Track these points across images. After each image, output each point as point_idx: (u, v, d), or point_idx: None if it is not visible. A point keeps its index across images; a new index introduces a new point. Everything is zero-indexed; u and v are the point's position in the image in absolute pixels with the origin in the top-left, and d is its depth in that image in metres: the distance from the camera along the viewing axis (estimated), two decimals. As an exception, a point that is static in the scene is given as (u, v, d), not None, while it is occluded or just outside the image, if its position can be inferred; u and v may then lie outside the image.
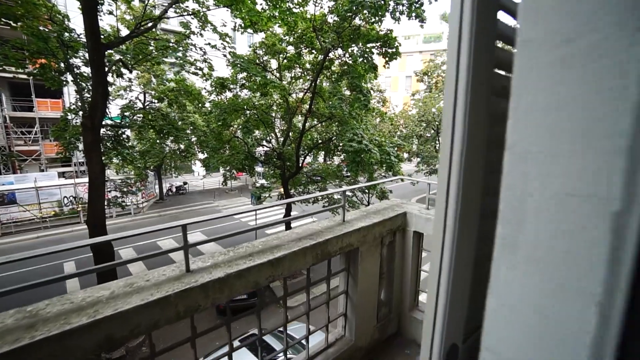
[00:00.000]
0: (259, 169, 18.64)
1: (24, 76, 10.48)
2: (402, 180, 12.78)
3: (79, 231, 18.59)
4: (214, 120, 11.35)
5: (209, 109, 11.95)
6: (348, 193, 14.62)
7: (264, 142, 14.53)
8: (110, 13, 9.69)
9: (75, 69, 9.81)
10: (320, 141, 12.82)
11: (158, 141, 19.82)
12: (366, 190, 15.03)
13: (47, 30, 9.27)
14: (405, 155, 11.34)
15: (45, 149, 24.98)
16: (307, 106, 11.70)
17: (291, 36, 11.48)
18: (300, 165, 11.48)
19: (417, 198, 26.81)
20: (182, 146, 21.33)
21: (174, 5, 9.27)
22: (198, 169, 39.86)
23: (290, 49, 12.18)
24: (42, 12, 8.98)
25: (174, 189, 29.85)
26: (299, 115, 15.24)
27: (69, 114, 10.71)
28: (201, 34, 10.58)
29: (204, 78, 11.59)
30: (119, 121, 10.95)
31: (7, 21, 8.28)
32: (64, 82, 10.53)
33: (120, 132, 11.05)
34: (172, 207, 24.85)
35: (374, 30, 9.81)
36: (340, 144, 11.33)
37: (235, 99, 11.62)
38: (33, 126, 25.08)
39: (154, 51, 10.39)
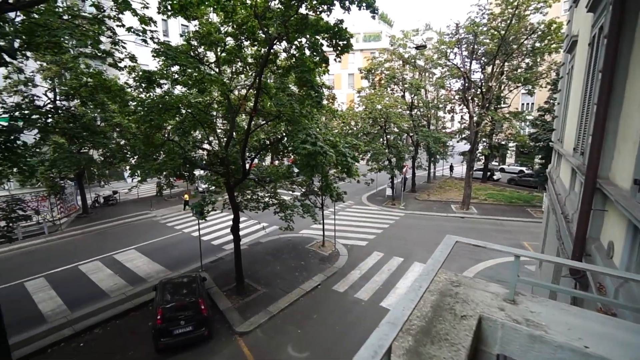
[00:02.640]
0: (198, 172, 16.80)
1: None
2: (357, 181, 12.19)
3: (-30, 261, 14.96)
4: (140, 121, 9.49)
5: (133, 107, 10.02)
6: (299, 196, 13.72)
7: (205, 145, 12.89)
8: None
9: None
10: (268, 142, 11.67)
11: (73, 147, 16.81)
12: (319, 193, 14.27)
13: None
14: (358, 154, 10.82)
15: None
16: (252, 104, 10.46)
17: (229, 25, 10.14)
18: (247, 169, 10.22)
19: (368, 194, 26.98)
20: (105, 151, 18.42)
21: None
22: (127, 175, 35.65)
23: (230, 41, 10.82)
24: None
25: (102, 200, 26.06)
26: (242, 114, 13.85)
27: None
28: (118, 18, 8.74)
29: (126, 71, 9.70)
30: (5, 123, 8.56)
31: None
32: None
33: (12, 137, 8.68)
34: (99, 221, 21.51)
35: (322, 20, 8.97)
36: (291, 146, 10.34)
37: (166, 96, 9.90)
38: None
39: (54, 34, 8.23)
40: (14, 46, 7.72)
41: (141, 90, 10.32)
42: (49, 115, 10.54)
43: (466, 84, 21.89)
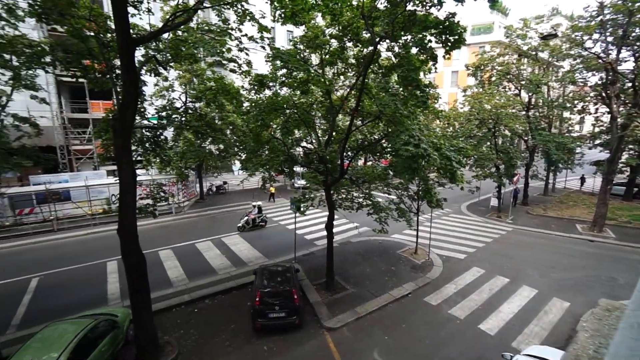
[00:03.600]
0: (297, 169, 17.86)
1: (82, 80, 10.55)
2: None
3: (125, 229, 19.12)
4: (252, 120, 10.63)
5: (247, 108, 11.26)
6: (395, 199, 13.26)
7: (304, 143, 13.60)
8: (149, 10, 9.25)
9: (115, 70, 9.55)
10: (366, 142, 11.60)
11: (198, 142, 19.83)
12: (415, 197, 13.55)
13: (88, 31, 9.05)
14: (464, 159, 9.74)
15: (96, 148, 26.33)
16: (352, 104, 10.52)
17: (335, 27, 10.41)
18: (344, 169, 10.36)
19: (468, 203, 24.53)
20: (221, 146, 21.22)
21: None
22: (237, 168, 40.38)
23: (333, 43, 11.14)
24: (83, 12, 8.75)
25: (214, 189, 30.19)
26: (341, 114, 14.13)
27: (110, 115, 10.57)
28: (239, 29, 9.87)
29: (243, 75, 10.92)
30: (154, 122, 10.58)
31: (49, 18, 8.15)
32: (107, 84, 10.39)
33: (158, 133, 10.71)
34: (211, 206, 24.99)
35: (431, 15, 8.41)
36: (389, 147, 10.05)
37: (275, 98, 10.81)
38: (87, 126, 26.58)
39: (191, 47, 9.85)
40: (166, 59, 9.45)
41: (253, 92, 11.47)
42: (183, 115, 12.60)
43: (609, 77, 17.78)
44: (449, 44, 8.15)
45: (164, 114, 10.54)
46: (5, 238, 17.72)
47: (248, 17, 9.16)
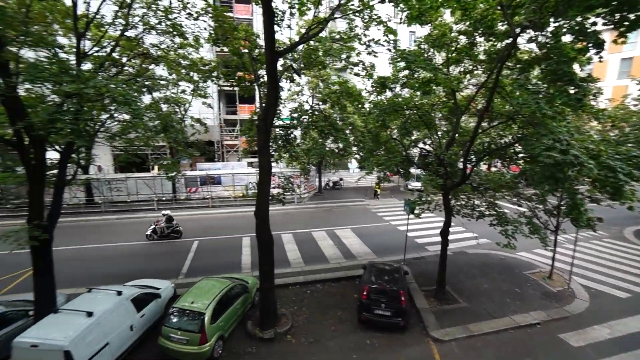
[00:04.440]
0: (413, 170, 17.38)
1: (236, 87, 13.31)
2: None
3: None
4: (372, 120, 11.03)
5: (368, 109, 11.70)
6: (527, 212, 11.43)
7: (421, 145, 13.18)
8: (289, 26, 10.71)
9: (260, 79, 11.46)
10: (493, 146, 10.40)
11: (320, 140, 21.56)
12: (555, 212, 11.35)
13: (243, 49, 11.15)
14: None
15: (241, 143, 31.84)
16: (480, 104, 9.61)
17: (465, 22, 9.68)
18: (466, 173, 9.62)
19: (636, 228, 18.91)
20: (340, 145, 22.50)
21: (340, 8, 9.33)
22: (353, 166, 41.87)
23: (462, 39, 10.37)
24: (241, 35, 10.84)
25: (331, 184, 32.25)
26: (466, 116, 13.04)
27: (254, 116, 12.73)
28: (365, 34, 10.34)
29: (366, 78, 11.39)
30: (287, 122, 12.17)
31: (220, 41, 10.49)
32: (253, 90, 12.56)
33: (289, 132, 12.29)
34: (328, 200, 26.84)
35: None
36: (525, 152, 8.75)
37: (395, 99, 10.89)
38: (235, 125, 32.45)
39: (320, 55, 10.92)
40: (300, 67, 10.77)
41: (375, 94, 11.80)
42: (310, 116, 14.00)
43: None
44: (626, 23, 6.44)
45: (295, 115, 12.00)
46: (180, 208, 23.53)
47: (375, 22, 9.52)
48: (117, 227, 20.05)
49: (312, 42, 11.06)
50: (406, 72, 10.22)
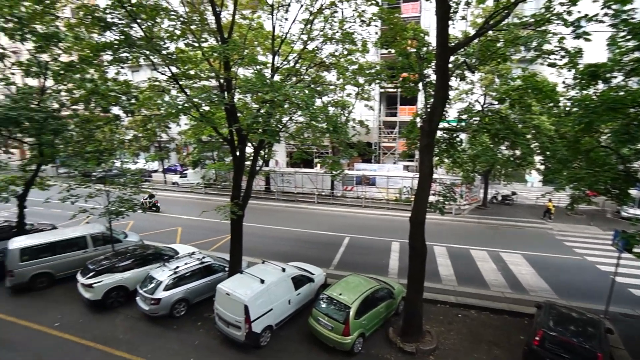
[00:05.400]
0: (634, 192, 12.44)
1: (399, 89, 13.25)
2: None
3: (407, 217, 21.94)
4: (570, 122, 8.44)
5: (566, 108, 9.09)
6: None
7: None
8: (463, 18, 9.60)
9: (425, 78, 10.86)
10: None
11: (492, 145, 18.68)
12: None
13: (410, 49, 10.84)
14: None
15: (399, 145, 31.61)
16: None
17: None
18: None
19: None
20: (517, 152, 18.81)
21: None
22: (532, 179, 34.36)
23: None
24: (409, 35, 10.57)
25: (500, 197, 27.56)
26: None
27: (417, 117, 12.25)
28: (568, 11, 8.00)
29: (565, 68, 8.88)
30: (454, 124, 11.03)
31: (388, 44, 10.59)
32: (417, 91, 12.07)
33: (454, 135, 11.16)
34: (493, 216, 23.08)
35: None
36: None
37: (613, 93, 7.98)
38: (394, 127, 32.49)
39: (501, 47, 9.26)
40: (474, 62, 9.54)
41: (577, 88, 9.06)
42: (482, 118, 12.27)
43: None
44: None
45: (464, 116, 10.77)
46: (336, 204, 25.70)
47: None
48: (285, 214, 23.79)
49: (489, 32, 9.57)
50: (637, 53, 7.37)
